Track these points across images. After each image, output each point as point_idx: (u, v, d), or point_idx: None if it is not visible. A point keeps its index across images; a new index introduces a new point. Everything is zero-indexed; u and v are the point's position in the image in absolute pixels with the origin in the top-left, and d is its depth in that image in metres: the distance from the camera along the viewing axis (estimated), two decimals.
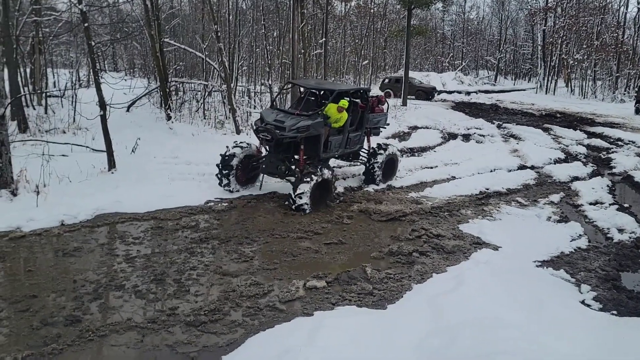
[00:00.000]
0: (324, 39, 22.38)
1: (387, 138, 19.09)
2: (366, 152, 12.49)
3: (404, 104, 27.77)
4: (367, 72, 28.38)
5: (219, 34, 16.53)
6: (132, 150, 13.28)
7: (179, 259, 7.72)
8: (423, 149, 17.95)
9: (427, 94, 35.38)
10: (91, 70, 11.36)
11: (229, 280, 7.18)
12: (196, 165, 12.92)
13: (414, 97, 33.87)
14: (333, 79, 28.33)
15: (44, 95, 18.92)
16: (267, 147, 10.47)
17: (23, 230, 8.39)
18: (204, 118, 19.79)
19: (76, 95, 17.29)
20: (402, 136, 20.23)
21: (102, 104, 11.27)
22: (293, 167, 10.65)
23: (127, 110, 19.81)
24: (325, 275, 7.42)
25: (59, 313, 6.01)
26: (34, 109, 19.07)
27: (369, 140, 12.46)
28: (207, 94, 20.72)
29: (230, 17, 22.46)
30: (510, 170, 14.94)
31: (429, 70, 56.83)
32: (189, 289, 6.83)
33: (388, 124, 13.13)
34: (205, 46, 20.40)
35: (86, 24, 10.49)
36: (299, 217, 9.92)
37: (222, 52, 16.97)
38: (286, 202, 10.26)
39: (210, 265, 7.59)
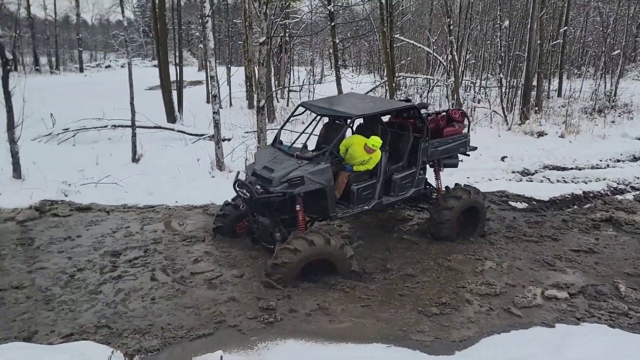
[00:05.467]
0: (564, 28, 20.26)
1: None
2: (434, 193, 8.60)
3: None
4: (614, 64, 24.76)
5: (451, 27, 16.28)
6: None
7: (400, 248, 7.90)
8: None
9: None
10: (334, 65, 12.21)
11: (457, 275, 7.06)
12: None
13: None
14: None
15: (287, 90, 21.32)
16: (250, 209, 7.27)
17: None
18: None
19: (314, 90, 19.01)
20: None
21: None
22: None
23: None
24: (567, 286, 6.75)
25: (265, 285, 6.51)
26: (278, 102, 21.63)
27: (437, 177, 8.50)
28: (430, 88, 20.73)
29: (460, 10, 21.95)
30: None
31: None
32: (410, 279, 6.91)
33: (474, 149, 8.71)
34: (434, 40, 20.33)
35: (332, 23, 11.34)
36: (537, 218, 9.29)
37: (452, 45, 16.69)
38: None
39: (437, 258, 7.56)
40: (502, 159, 13.27)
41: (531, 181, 11.77)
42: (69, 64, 47.08)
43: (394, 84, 18.01)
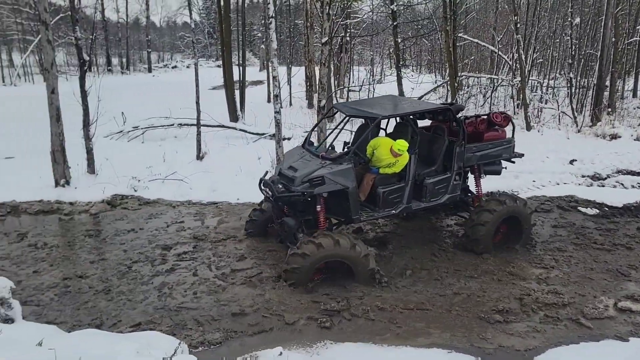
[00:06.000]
0: None
1: None
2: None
3: None
4: None
5: (518, 25, 15.71)
6: None
7: (452, 252, 7.72)
8: None
9: None
10: (395, 65, 12.11)
11: (520, 282, 6.82)
12: None
13: None
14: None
15: (346, 89, 21.34)
16: (273, 208, 7.50)
17: None
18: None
19: (374, 90, 18.91)
20: None
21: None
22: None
23: None
24: None
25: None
26: (337, 101, 21.68)
27: (478, 184, 8.09)
28: (494, 87, 20.11)
29: (528, 7, 21.13)
30: None
31: None
32: (467, 282, 6.77)
33: (520, 156, 8.09)
34: (499, 39, 19.69)
35: (395, 23, 11.24)
36: (610, 225, 8.83)
37: (519, 44, 16.10)
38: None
39: (499, 264, 7.33)
40: (571, 162, 12.67)
41: (603, 186, 11.17)
42: (138, 64, 49.36)
43: (456, 84, 17.62)
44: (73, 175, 10.45)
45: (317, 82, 11.22)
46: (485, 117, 7.88)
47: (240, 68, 19.41)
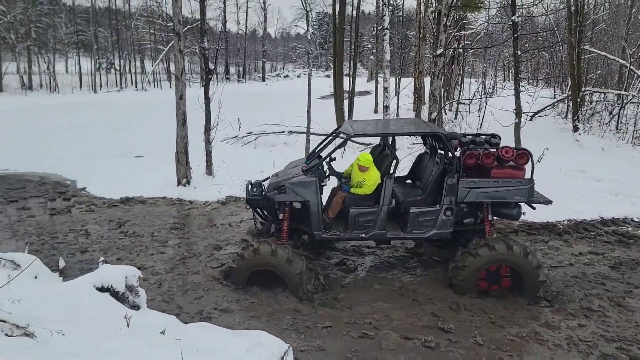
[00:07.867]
0: None
1: None
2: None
3: None
4: None
5: None
6: (538, 160, 13.00)
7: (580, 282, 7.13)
8: None
9: None
10: (513, 79, 11.57)
11: (631, 315, 6.21)
12: (608, 183, 11.69)
13: None
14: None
15: (455, 102, 20.77)
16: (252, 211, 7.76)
17: None
18: (617, 131, 17.69)
19: (486, 103, 18.18)
20: None
21: (519, 112, 11.43)
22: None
23: (531, 119, 19.61)
24: None
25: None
26: (445, 114, 21.18)
27: (486, 225, 6.92)
28: (622, 105, 18.41)
29: None
30: None
31: None
32: (578, 317, 6.23)
33: (546, 202, 6.82)
34: (631, 52, 18.05)
35: (516, 35, 10.76)
36: None
37: None
38: None
39: (608, 294, 6.76)
40: None
41: None
42: (253, 73, 52.04)
43: (578, 100, 16.43)
44: (193, 176, 11.24)
45: (429, 94, 11.04)
46: (495, 151, 6.71)
47: (351, 78, 19.69)
